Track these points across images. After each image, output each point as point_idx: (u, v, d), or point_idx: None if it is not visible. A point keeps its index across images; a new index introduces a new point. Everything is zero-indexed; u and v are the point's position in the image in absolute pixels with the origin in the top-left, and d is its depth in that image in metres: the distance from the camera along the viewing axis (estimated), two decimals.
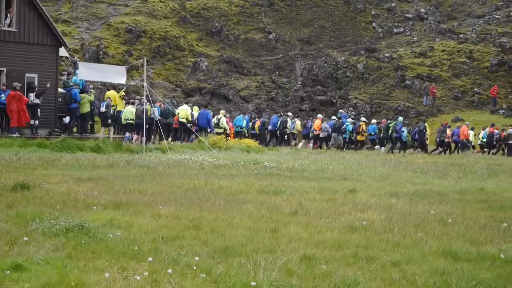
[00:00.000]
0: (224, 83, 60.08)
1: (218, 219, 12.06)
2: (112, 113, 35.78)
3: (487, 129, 44.56)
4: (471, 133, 43.65)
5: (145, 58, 34.75)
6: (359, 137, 43.56)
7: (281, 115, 47.18)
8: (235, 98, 58.75)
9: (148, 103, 33.60)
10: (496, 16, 76.69)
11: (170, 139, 37.00)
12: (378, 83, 64.91)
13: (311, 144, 44.04)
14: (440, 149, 43.61)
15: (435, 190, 18.31)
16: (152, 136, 36.39)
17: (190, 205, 13.72)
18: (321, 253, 9.49)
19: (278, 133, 44.67)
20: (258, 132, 45.38)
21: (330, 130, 43.01)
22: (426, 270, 8.68)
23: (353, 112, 57.06)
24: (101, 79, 37.66)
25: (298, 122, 44.63)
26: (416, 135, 42.74)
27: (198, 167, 23.69)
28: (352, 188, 17.81)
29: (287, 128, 43.83)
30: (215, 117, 42.07)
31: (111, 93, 38.13)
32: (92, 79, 35.66)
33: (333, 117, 46.29)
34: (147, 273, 8.02)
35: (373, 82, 65.21)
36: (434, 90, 61.40)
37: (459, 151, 42.93)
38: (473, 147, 44.55)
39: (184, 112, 38.50)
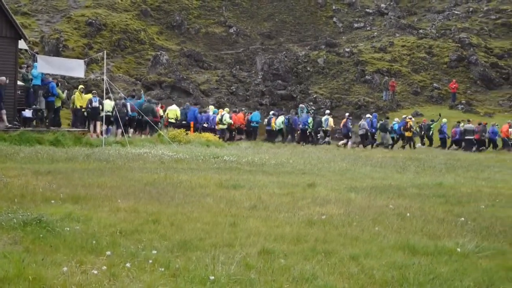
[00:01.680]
0: (185, 77, 59.73)
1: (177, 213, 12.05)
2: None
3: None
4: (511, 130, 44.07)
5: (105, 51, 34.70)
6: (407, 134, 44.84)
7: (308, 112, 48.71)
8: (195, 92, 58.45)
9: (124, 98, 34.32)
10: (456, 12, 77.24)
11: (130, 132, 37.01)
12: (338, 78, 64.99)
13: (350, 142, 43.88)
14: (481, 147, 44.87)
15: (394, 185, 18.47)
16: (131, 130, 36.86)
17: (149, 199, 13.71)
18: (279, 247, 9.52)
19: (313, 131, 45.61)
20: (274, 129, 45.97)
21: (368, 127, 43.96)
22: (384, 264, 8.74)
23: (313, 107, 57.07)
24: (60, 72, 37.33)
25: (331, 120, 45.11)
26: (457, 135, 44.34)
27: (158, 161, 23.68)
28: (311, 182, 17.90)
29: (322, 126, 44.68)
30: (219, 114, 43.14)
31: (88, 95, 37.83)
32: (51, 72, 35.34)
33: (368, 115, 46.52)
34: (105, 267, 7.99)
35: (333, 77, 65.27)
36: (393, 85, 61.64)
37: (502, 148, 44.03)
38: None
39: (173, 112, 39.63)
